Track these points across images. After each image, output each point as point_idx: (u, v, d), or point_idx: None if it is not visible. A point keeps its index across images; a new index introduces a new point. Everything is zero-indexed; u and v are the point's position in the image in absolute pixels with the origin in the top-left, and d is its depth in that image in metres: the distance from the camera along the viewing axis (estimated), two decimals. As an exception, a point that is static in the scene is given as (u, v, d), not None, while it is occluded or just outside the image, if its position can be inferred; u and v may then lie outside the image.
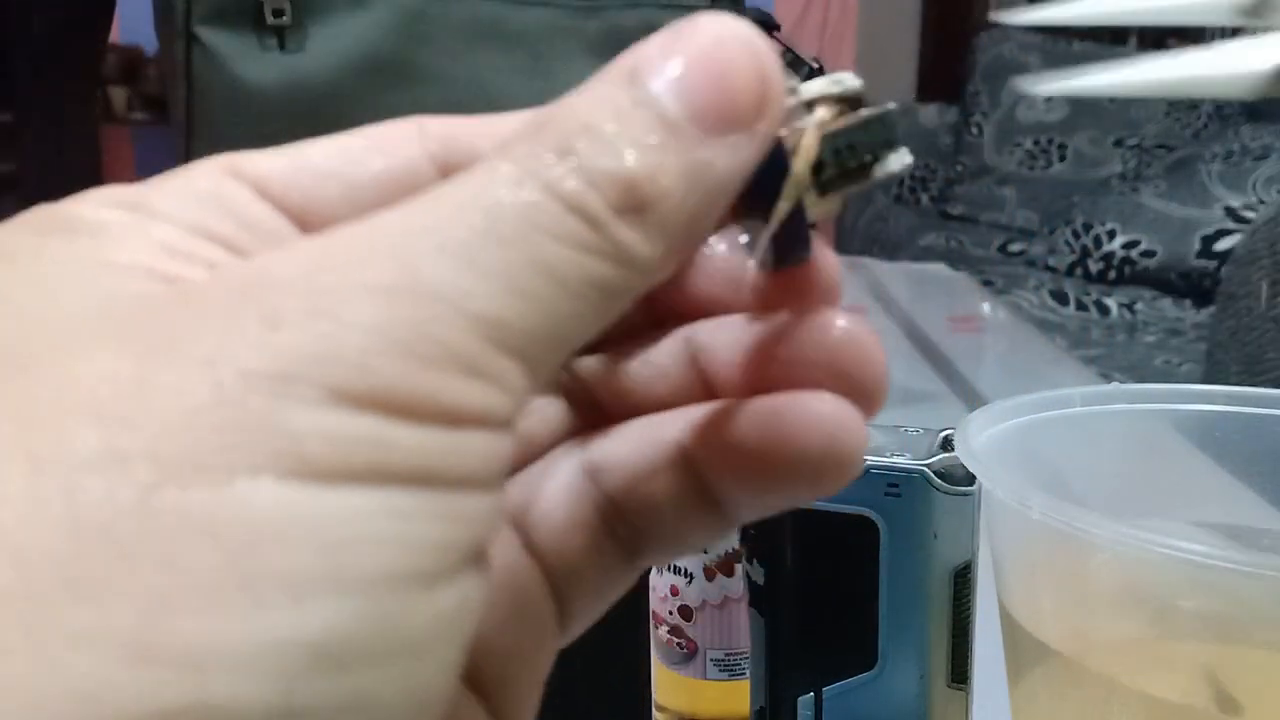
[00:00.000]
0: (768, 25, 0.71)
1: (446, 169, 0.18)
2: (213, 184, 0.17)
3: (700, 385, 0.21)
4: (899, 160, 0.18)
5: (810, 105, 0.18)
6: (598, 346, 0.21)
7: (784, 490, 0.19)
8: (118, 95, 2.70)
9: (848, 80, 0.18)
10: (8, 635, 0.12)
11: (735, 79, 0.16)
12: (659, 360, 0.21)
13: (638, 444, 0.20)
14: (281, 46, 0.75)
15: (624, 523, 0.20)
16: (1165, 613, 0.31)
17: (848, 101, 0.18)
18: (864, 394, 0.18)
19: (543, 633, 0.19)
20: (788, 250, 0.19)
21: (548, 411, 0.21)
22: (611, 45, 0.78)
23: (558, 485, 0.20)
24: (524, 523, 0.20)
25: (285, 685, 0.13)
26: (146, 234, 0.16)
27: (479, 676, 0.18)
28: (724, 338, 0.20)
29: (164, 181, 0.17)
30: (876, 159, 0.18)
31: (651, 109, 0.16)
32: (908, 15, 3.22)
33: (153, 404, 0.13)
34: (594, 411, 0.21)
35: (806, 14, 3.06)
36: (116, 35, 2.58)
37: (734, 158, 0.16)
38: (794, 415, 0.18)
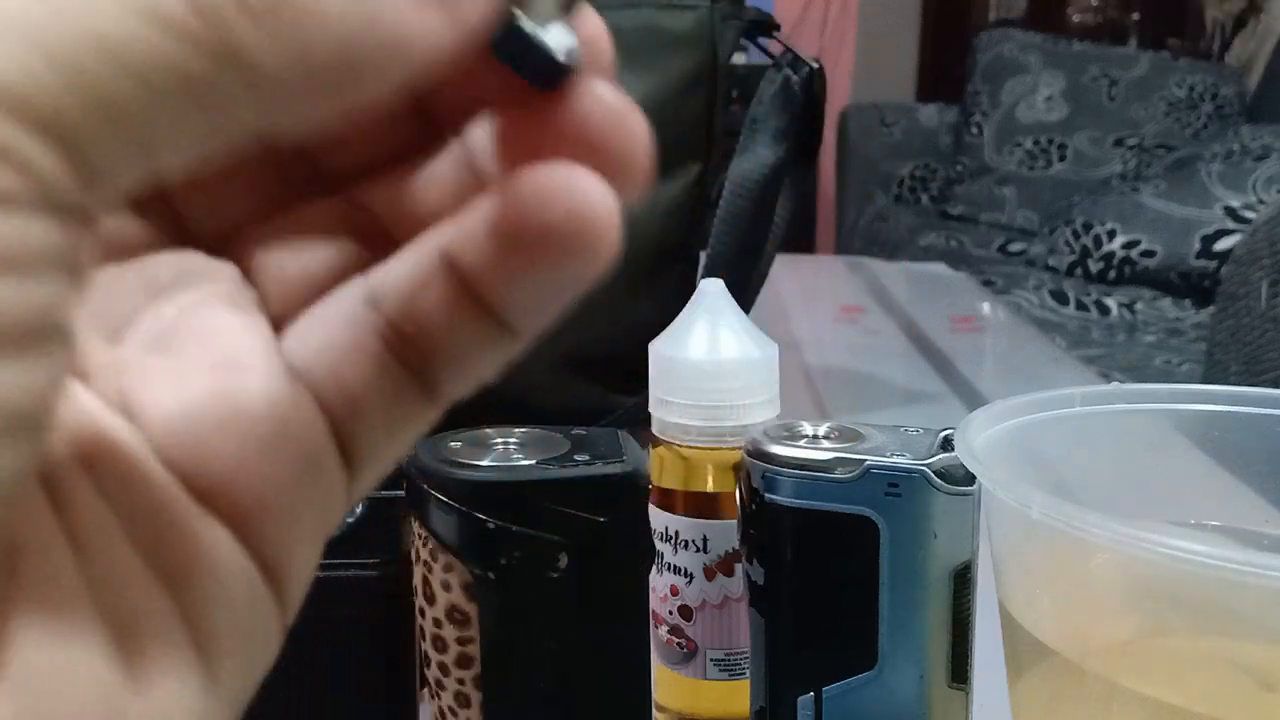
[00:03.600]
0: (768, 25, 0.71)
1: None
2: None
3: (481, 189, 0.19)
4: None
5: None
6: (379, 169, 0.20)
7: (540, 272, 0.18)
8: (118, 95, 2.70)
9: None
10: None
11: None
12: (440, 172, 0.20)
13: (409, 258, 0.19)
14: (281, 46, 0.75)
15: (410, 347, 0.19)
16: (1165, 613, 0.31)
17: None
18: (614, 166, 0.18)
19: (317, 470, 0.19)
20: (531, 72, 0.17)
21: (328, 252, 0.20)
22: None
23: (334, 314, 0.19)
24: (299, 356, 0.19)
25: None
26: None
27: (227, 503, 0.18)
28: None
29: None
30: None
31: None
32: (908, 15, 3.22)
33: None
34: (388, 244, 0.20)
35: (806, 13, 3.06)
36: (116, 35, 2.58)
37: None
38: (534, 189, 0.17)
